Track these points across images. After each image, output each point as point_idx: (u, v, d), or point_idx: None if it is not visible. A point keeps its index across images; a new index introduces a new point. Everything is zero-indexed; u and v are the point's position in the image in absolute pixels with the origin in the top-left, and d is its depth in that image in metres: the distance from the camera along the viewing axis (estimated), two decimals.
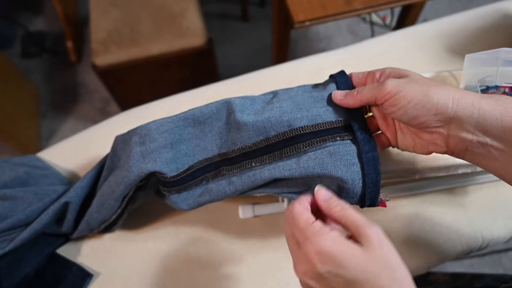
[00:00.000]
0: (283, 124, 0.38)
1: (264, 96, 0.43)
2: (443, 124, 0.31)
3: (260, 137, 0.39)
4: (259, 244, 0.51)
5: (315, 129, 0.37)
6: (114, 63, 1.06)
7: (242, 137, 0.40)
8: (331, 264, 0.27)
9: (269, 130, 0.38)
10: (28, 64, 1.58)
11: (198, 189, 0.42)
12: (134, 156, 0.41)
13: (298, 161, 0.37)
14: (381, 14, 1.61)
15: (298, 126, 0.37)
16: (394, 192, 0.52)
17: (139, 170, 0.40)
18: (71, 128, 1.45)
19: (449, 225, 0.51)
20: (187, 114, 0.42)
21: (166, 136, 0.41)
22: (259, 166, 0.39)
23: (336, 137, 0.36)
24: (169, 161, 0.41)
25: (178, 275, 0.50)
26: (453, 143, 0.32)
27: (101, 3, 1.12)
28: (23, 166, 0.52)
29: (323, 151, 0.36)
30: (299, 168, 0.36)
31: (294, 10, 0.75)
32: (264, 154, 0.39)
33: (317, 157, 0.36)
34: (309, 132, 0.37)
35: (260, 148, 0.39)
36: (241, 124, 0.39)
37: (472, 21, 0.67)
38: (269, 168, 0.38)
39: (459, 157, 0.33)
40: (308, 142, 0.37)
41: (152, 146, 0.41)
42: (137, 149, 0.41)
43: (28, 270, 0.47)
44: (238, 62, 1.58)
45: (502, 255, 1.20)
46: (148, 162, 0.40)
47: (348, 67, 0.64)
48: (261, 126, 0.39)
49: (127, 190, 0.42)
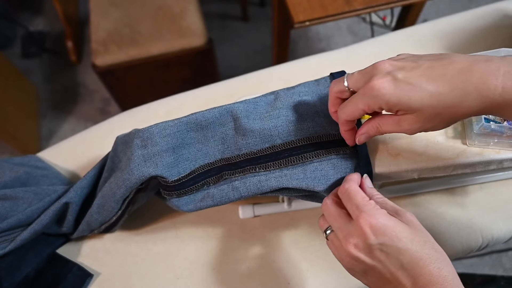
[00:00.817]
0: (290, 133, 0.39)
1: (266, 98, 0.43)
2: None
3: (266, 144, 0.40)
4: (259, 244, 0.51)
5: (321, 140, 0.39)
6: (114, 63, 1.06)
7: (248, 143, 0.40)
8: (385, 236, 0.29)
9: (275, 138, 0.39)
10: (28, 64, 1.58)
11: (199, 194, 0.42)
12: (136, 159, 0.40)
13: (305, 171, 0.38)
14: (381, 14, 1.61)
15: (304, 136, 0.39)
16: (394, 192, 0.52)
17: (140, 174, 0.40)
18: (71, 128, 1.45)
19: (449, 225, 0.51)
20: (190, 118, 0.42)
21: (168, 140, 0.41)
22: (263, 172, 0.39)
23: (340, 151, 0.38)
24: (171, 166, 0.40)
25: (178, 275, 0.50)
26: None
27: (101, 3, 1.12)
28: (23, 166, 0.52)
29: (328, 162, 0.38)
30: (305, 178, 0.37)
31: (294, 10, 0.75)
32: (269, 161, 0.40)
33: (323, 168, 0.38)
34: (315, 143, 0.39)
35: (265, 155, 0.40)
36: (248, 130, 0.40)
37: (472, 21, 0.67)
38: (275, 176, 0.38)
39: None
40: (314, 152, 0.38)
41: (154, 150, 0.40)
42: (139, 152, 0.41)
43: (28, 270, 0.47)
44: (238, 62, 1.58)
45: (502, 255, 1.20)
46: (150, 166, 0.40)
47: (348, 67, 0.64)
48: (268, 134, 0.40)
49: (128, 193, 0.42)
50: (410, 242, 0.29)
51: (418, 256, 0.29)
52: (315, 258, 0.50)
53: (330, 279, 0.48)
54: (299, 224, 0.52)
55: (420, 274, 0.29)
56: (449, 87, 0.28)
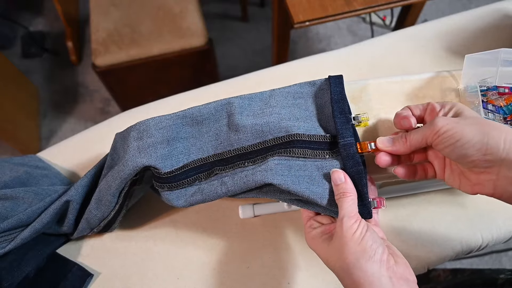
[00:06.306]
0: (281, 129, 0.40)
1: (261, 94, 0.44)
2: (492, 165, 0.30)
3: (257, 140, 0.40)
4: (259, 244, 0.51)
5: (310, 139, 0.39)
6: (114, 63, 1.06)
7: (240, 139, 0.41)
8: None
9: (266, 134, 0.40)
10: (29, 64, 1.58)
11: (191, 189, 0.42)
12: (131, 151, 0.41)
13: (290, 168, 0.38)
14: (381, 14, 1.61)
15: (295, 132, 0.39)
16: (394, 192, 0.52)
17: (134, 164, 0.40)
18: (71, 128, 1.45)
19: (449, 225, 0.51)
20: (186, 112, 0.43)
21: (164, 133, 0.42)
22: (251, 166, 0.40)
23: (326, 155, 0.39)
24: (164, 157, 0.41)
25: (178, 275, 0.50)
26: (501, 186, 0.31)
27: (101, 3, 1.12)
28: (23, 166, 0.52)
29: (313, 164, 0.38)
30: (290, 176, 0.37)
31: (294, 11, 0.75)
32: (258, 155, 0.40)
33: (307, 168, 0.38)
34: (304, 141, 0.39)
35: (256, 150, 0.40)
36: (240, 126, 0.41)
37: (472, 21, 0.67)
38: (261, 170, 0.38)
39: (507, 201, 0.32)
40: (302, 150, 0.39)
41: (149, 141, 0.41)
42: (134, 144, 0.42)
43: (28, 270, 0.47)
44: (238, 62, 1.58)
45: (502, 255, 1.20)
46: (144, 156, 0.40)
47: (348, 67, 0.64)
48: (259, 130, 0.40)
49: (123, 184, 0.43)
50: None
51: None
52: (315, 258, 0.49)
53: (330, 279, 0.48)
54: (299, 224, 0.52)
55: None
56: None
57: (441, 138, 0.32)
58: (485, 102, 0.42)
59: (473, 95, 0.43)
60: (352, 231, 0.32)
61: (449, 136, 0.31)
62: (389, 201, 0.52)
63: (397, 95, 0.45)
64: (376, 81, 0.45)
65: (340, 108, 0.40)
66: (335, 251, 0.33)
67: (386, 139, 0.37)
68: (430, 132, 0.33)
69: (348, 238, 0.32)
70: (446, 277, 0.70)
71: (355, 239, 0.32)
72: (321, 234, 0.36)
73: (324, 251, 0.35)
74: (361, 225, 0.33)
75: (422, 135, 0.34)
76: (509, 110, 0.41)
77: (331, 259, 0.33)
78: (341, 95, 0.41)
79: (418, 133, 0.34)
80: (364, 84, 0.45)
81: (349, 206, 0.34)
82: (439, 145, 0.32)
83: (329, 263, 0.34)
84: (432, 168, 0.37)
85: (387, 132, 0.42)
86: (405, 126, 0.36)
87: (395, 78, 0.46)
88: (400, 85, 0.45)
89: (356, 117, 0.41)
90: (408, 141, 0.35)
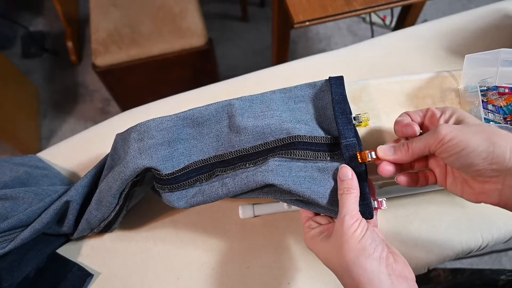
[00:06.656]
0: (282, 131, 0.40)
1: (262, 96, 0.44)
2: (498, 174, 0.30)
3: (258, 141, 0.40)
4: (259, 244, 0.51)
5: (311, 140, 0.39)
6: (114, 63, 1.06)
7: (241, 141, 0.41)
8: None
9: (268, 135, 0.40)
10: (29, 64, 1.58)
11: (191, 190, 0.42)
12: (131, 152, 0.41)
13: (290, 169, 0.38)
14: (381, 14, 1.61)
15: (296, 134, 0.39)
16: (394, 192, 0.52)
17: (135, 166, 0.40)
18: (71, 128, 1.45)
19: (449, 225, 0.51)
20: (187, 114, 0.43)
21: (164, 134, 0.42)
22: (253, 167, 0.40)
23: (327, 157, 0.38)
24: (165, 159, 0.41)
25: (178, 275, 0.50)
26: (507, 196, 0.30)
27: (101, 3, 1.12)
28: (23, 166, 0.52)
29: (313, 165, 0.38)
30: (290, 176, 0.37)
31: (293, 11, 0.75)
32: (259, 157, 0.40)
33: (307, 170, 0.38)
34: (305, 142, 0.39)
35: (257, 152, 0.40)
36: (241, 128, 0.41)
37: (472, 21, 0.67)
38: (262, 170, 0.38)
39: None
40: (302, 151, 0.39)
41: (149, 143, 0.41)
42: (135, 145, 0.42)
43: (28, 270, 0.47)
44: (238, 62, 1.58)
45: (502, 255, 1.20)
46: (145, 158, 0.40)
47: (348, 67, 0.64)
48: (261, 132, 0.40)
49: (124, 186, 0.43)
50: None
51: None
52: (315, 258, 0.49)
53: (330, 279, 0.48)
54: (299, 224, 0.52)
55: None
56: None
57: (445, 146, 0.31)
58: (485, 102, 0.42)
59: (473, 95, 0.43)
60: (353, 230, 0.32)
61: (454, 145, 0.30)
62: (389, 201, 0.52)
63: (397, 95, 0.45)
64: (376, 81, 0.45)
65: (341, 108, 0.40)
66: (334, 248, 0.33)
67: (387, 147, 0.36)
68: (433, 141, 0.32)
69: (348, 236, 0.32)
70: (446, 277, 0.70)
71: (355, 237, 0.32)
72: (319, 233, 0.36)
73: (323, 249, 0.35)
74: (362, 224, 0.33)
75: (425, 143, 0.33)
76: (509, 110, 0.41)
77: (330, 257, 0.33)
78: (342, 96, 0.41)
79: (421, 141, 0.33)
80: (364, 84, 0.45)
81: (351, 204, 0.34)
82: (443, 153, 0.32)
83: (328, 261, 0.34)
84: (433, 175, 0.36)
85: (388, 132, 0.42)
86: (408, 134, 0.35)
87: (395, 78, 0.46)
88: (400, 85, 0.45)
89: (357, 117, 0.41)
90: (411, 149, 0.34)
